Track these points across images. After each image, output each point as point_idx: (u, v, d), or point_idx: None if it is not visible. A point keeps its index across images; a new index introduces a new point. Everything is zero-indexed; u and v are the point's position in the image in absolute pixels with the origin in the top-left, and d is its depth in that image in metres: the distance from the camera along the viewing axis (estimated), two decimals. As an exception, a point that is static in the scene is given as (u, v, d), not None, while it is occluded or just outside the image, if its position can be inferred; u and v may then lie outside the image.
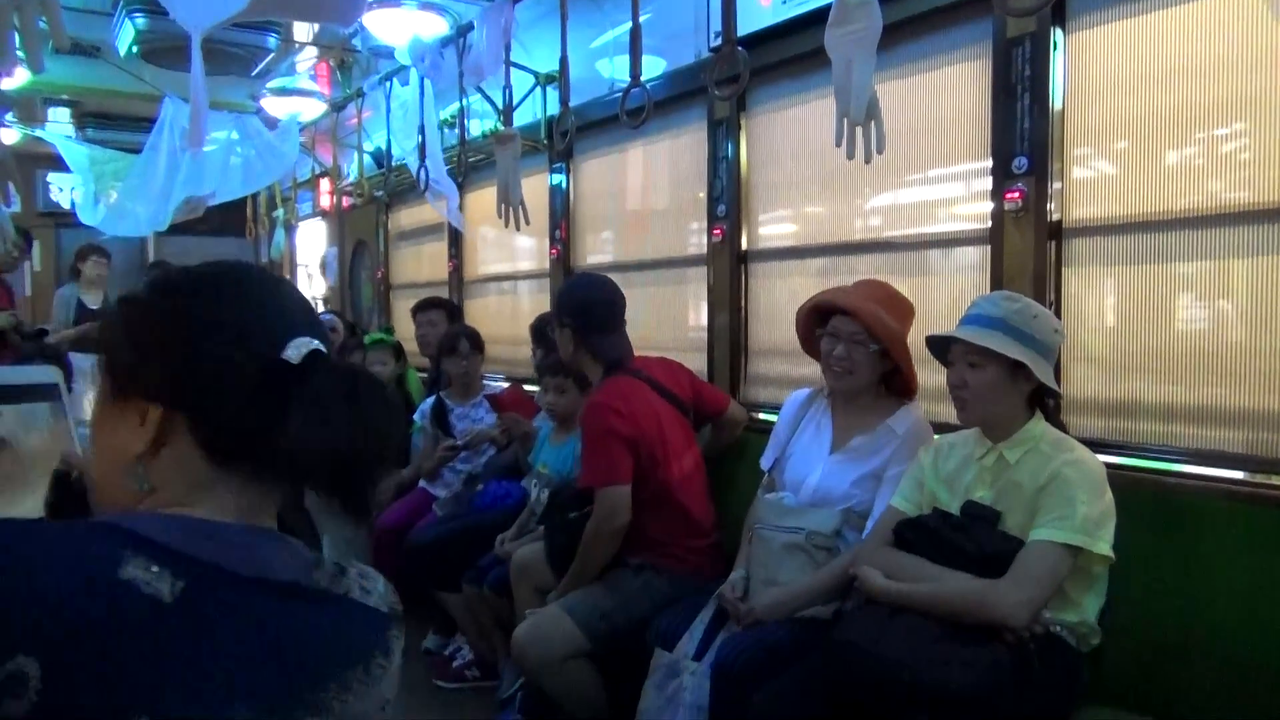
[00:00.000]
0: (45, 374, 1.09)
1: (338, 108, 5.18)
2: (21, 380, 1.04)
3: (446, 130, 4.59)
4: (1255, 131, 1.93)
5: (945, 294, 2.56)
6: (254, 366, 0.82)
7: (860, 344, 2.21)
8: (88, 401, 6.13)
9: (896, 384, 2.31)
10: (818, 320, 2.33)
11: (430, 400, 3.76)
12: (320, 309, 7.45)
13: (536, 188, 4.24)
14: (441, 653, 3.42)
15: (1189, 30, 2.01)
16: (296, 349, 0.83)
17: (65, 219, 7.14)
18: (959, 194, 2.53)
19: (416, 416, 3.79)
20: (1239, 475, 1.97)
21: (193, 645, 0.74)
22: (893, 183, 2.71)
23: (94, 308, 6.07)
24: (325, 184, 6.45)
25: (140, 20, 4.28)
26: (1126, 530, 1.79)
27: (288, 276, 8.10)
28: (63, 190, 8.14)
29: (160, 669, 0.72)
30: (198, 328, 0.83)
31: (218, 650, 0.75)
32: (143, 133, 5.50)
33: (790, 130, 3.02)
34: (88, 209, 6.05)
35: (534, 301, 4.65)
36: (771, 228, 3.17)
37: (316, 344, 0.85)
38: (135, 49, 4.51)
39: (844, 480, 2.24)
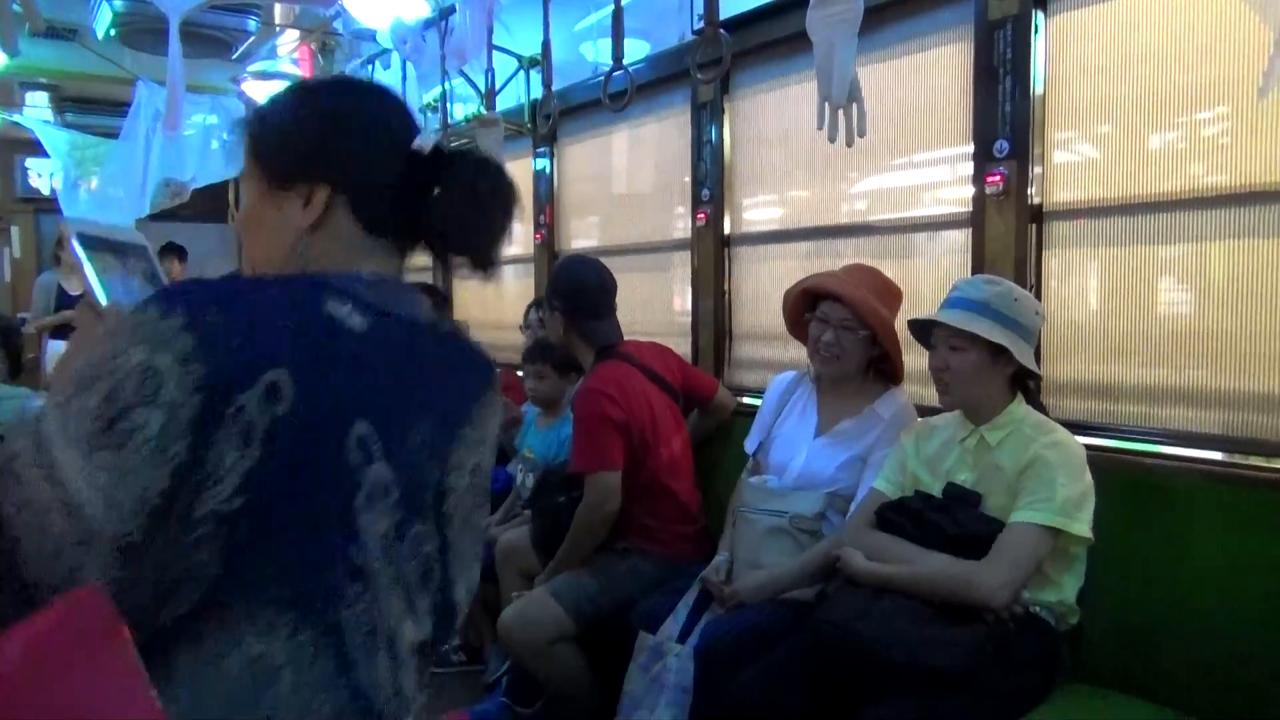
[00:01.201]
0: (136, 235, 1.17)
1: (320, 91, 5.13)
2: (121, 237, 1.12)
3: (429, 114, 4.56)
4: (1235, 115, 1.94)
5: (929, 277, 2.57)
6: (398, 151, 0.99)
7: (850, 330, 2.22)
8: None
9: (883, 368, 2.31)
10: (806, 304, 2.33)
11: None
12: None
13: (520, 172, 4.22)
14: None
15: (1169, 14, 2.02)
16: (423, 141, 1.00)
17: (45, 204, 7.06)
18: (942, 177, 2.54)
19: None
20: (1217, 456, 2.00)
21: (385, 369, 0.92)
22: (876, 166, 2.71)
23: (75, 294, 6.02)
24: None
25: (118, 2, 4.23)
26: (1106, 511, 1.81)
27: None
28: (41, 176, 8.05)
29: (366, 384, 0.90)
30: (353, 115, 0.99)
31: (402, 373, 0.94)
32: (123, 117, 5.44)
33: (774, 113, 3.01)
34: (69, 198, 5.99)
35: (519, 286, 4.64)
36: (755, 211, 3.17)
37: (436, 139, 1.02)
38: (114, 32, 4.45)
39: (829, 464, 2.26)
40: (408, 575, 0.94)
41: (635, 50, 3.49)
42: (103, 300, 1.01)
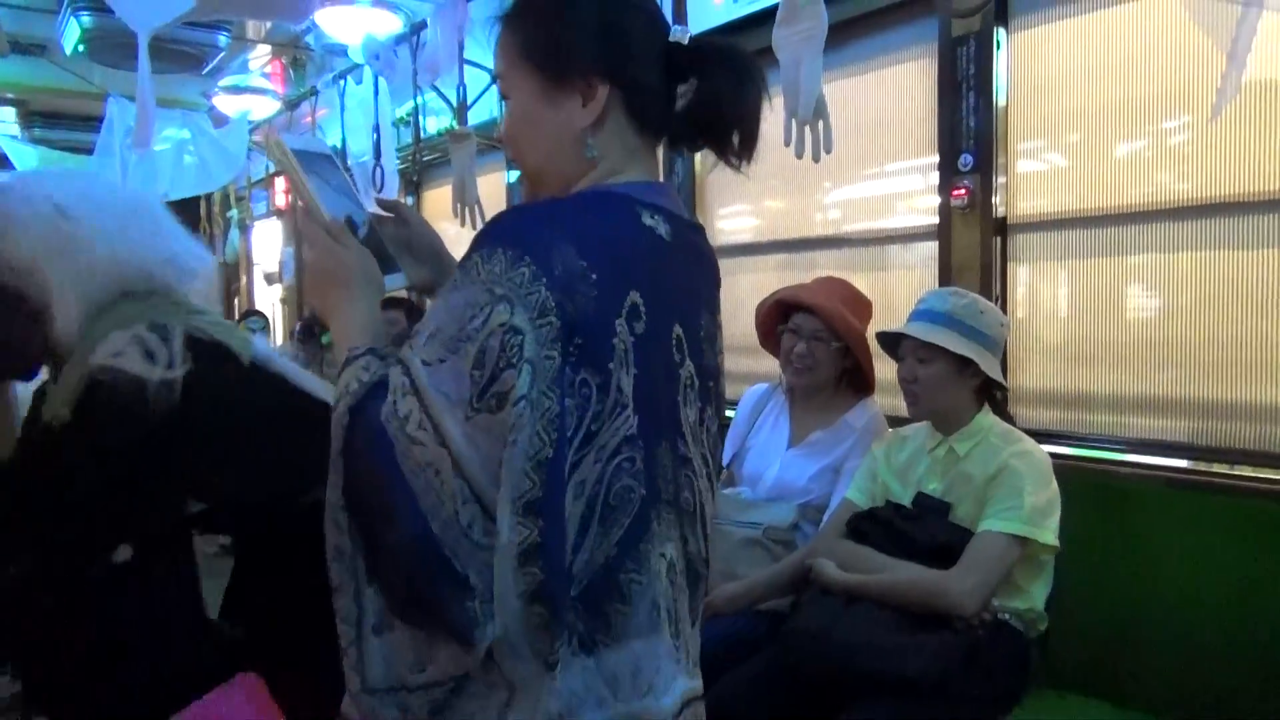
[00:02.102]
0: (319, 143, 1.17)
1: (291, 106, 5.12)
2: (312, 148, 1.12)
3: (402, 128, 4.56)
4: (1196, 128, 1.99)
5: (899, 288, 2.61)
6: (661, 44, 0.98)
7: (822, 341, 2.24)
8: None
9: (855, 379, 2.34)
10: (778, 316, 2.35)
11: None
12: (273, 310, 7.37)
13: (494, 185, 4.23)
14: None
15: (1129, 29, 2.07)
16: (679, 33, 0.99)
17: (13, 220, 6.99)
18: (909, 190, 2.57)
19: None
20: (1182, 463, 2.03)
21: (684, 270, 0.97)
22: (845, 179, 2.75)
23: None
24: (281, 183, 6.37)
25: (86, 18, 4.20)
26: (1073, 518, 1.84)
27: (243, 278, 7.99)
28: (9, 191, 7.96)
29: (678, 287, 0.96)
30: (626, 10, 0.97)
31: (692, 273, 1.00)
32: (91, 132, 5.40)
33: (744, 127, 3.04)
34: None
35: (494, 299, 4.64)
36: (729, 223, 3.19)
37: (688, 30, 1.01)
38: (82, 47, 4.42)
39: (802, 475, 2.27)
40: (708, 457, 1.01)
41: (607, 64, 3.52)
42: (325, 214, 1.02)
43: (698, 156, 3.17)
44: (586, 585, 0.85)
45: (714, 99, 0.98)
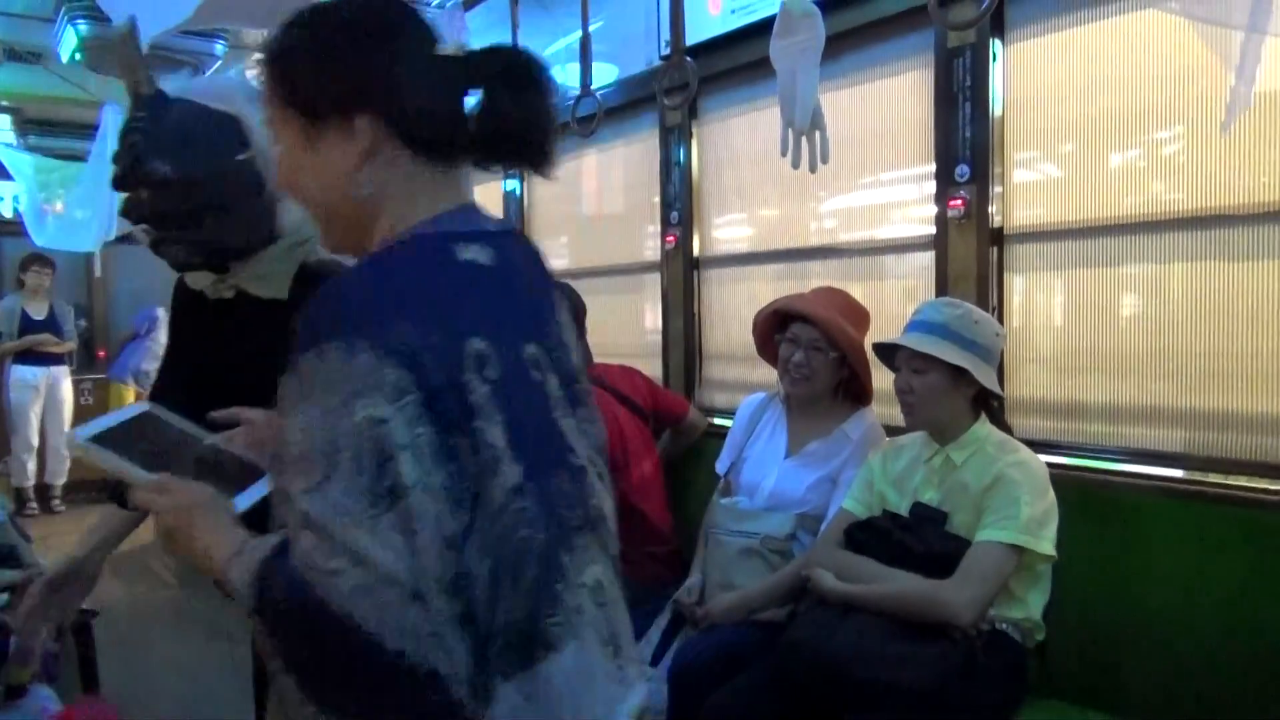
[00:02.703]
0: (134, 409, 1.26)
1: (288, 114, 5.12)
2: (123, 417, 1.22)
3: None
4: (1192, 138, 2.00)
5: (895, 297, 2.61)
6: (430, 62, 0.93)
7: (819, 351, 2.25)
8: (34, 413, 6.01)
9: (852, 389, 2.34)
10: (776, 325, 2.36)
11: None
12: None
13: (491, 194, 4.23)
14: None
15: (1124, 41, 2.08)
16: (449, 46, 0.95)
17: (7, 228, 6.97)
18: (906, 200, 2.58)
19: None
20: (1178, 473, 2.04)
21: (520, 287, 0.96)
22: (842, 190, 2.76)
23: (38, 318, 5.94)
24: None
25: (83, 26, 4.20)
26: (1070, 528, 1.84)
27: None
28: (3, 199, 7.94)
29: (515, 309, 0.94)
30: (381, 37, 0.92)
31: (530, 284, 0.99)
32: (87, 139, 5.40)
33: (741, 137, 3.05)
34: (35, 224, 5.92)
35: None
36: (724, 232, 3.20)
37: (464, 43, 0.98)
38: (79, 55, 4.42)
39: (800, 484, 2.27)
40: (595, 456, 1.00)
41: (604, 73, 3.53)
42: (145, 480, 1.04)
43: (695, 169, 3.18)
44: (509, 641, 0.83)
45: (493, 110, 0.94)
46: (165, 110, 1.51)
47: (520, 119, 0.95)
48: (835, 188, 2.77)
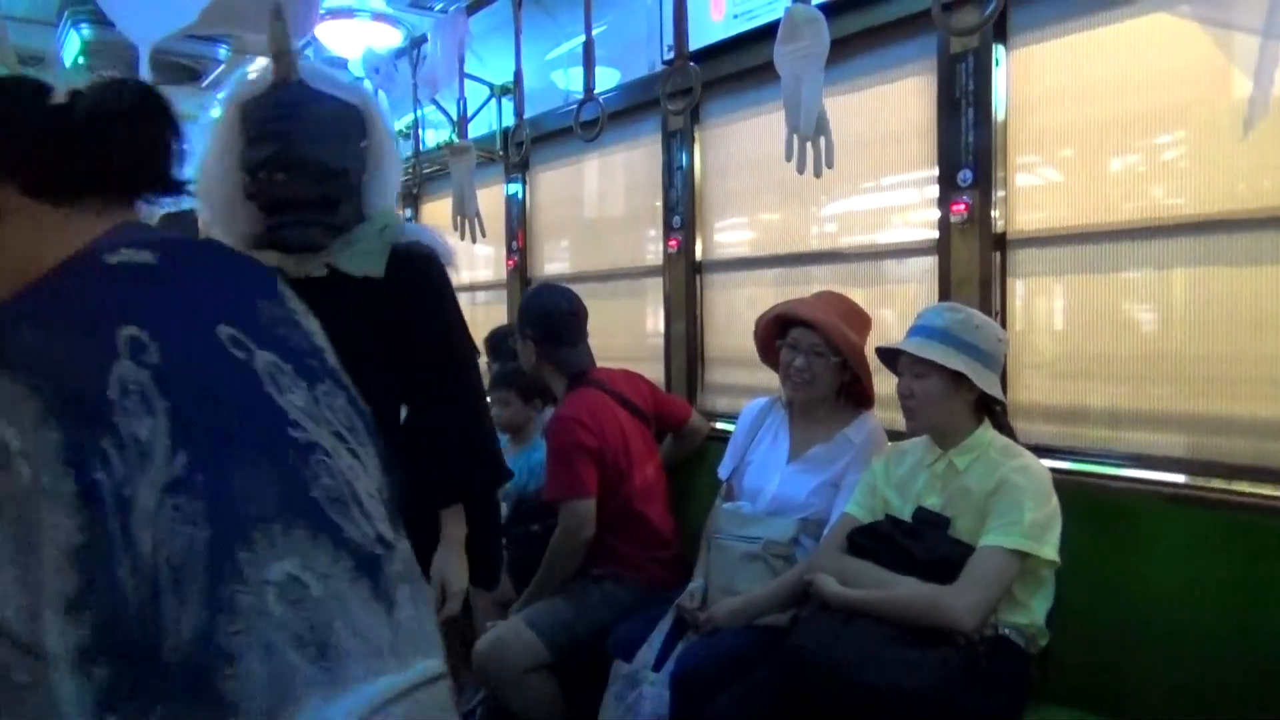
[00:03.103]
0: None
1: (291, 118, 5.13)
2: None
3: (401, 141, 4.56)
4: (1193, 141, 2.00)
5: (898, 302, 2.62)
6: (36, 115, 0.91)
7: (821, 355, 2.25)
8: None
9: (854, 393, 2.34)
10: (777, 331, 2.36)
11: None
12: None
13: (493, 198, 4.24)
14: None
15: (1126, 45, 2.08)
16: (60, 93, 0.94)
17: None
18: (909, 205, 2.58)
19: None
20: (1180, 478, 2.04)
21: (203, 278, 0.92)
22: (845, 194, 2.76)
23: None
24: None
25: (86, 30, 4.21)
26: (1073, 533, 1.84)
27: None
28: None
29: (197, 298, 0.89)
30: None
31: (216, 276, 0.95)
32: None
33: (743, 141, 3.06)
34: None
35: (491, 312, 4.64)
36: (727, 235, 3.20)
37: (76, 86, 0.97)
38: (82, 59, 4.43)
39: (802, 489, 2.27)
40: (344, 432, 0.94)
41: (606, 79, 3.53)
42: None
43: (698, 173, 3.18)
44: (184, 667, 0.74)
45: (103, 146, 0.92)
46: (309, 99, 1.65)
47: (131, 150, 0.95)
48: (838, 192, 2.77)
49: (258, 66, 5.58)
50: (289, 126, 1.62)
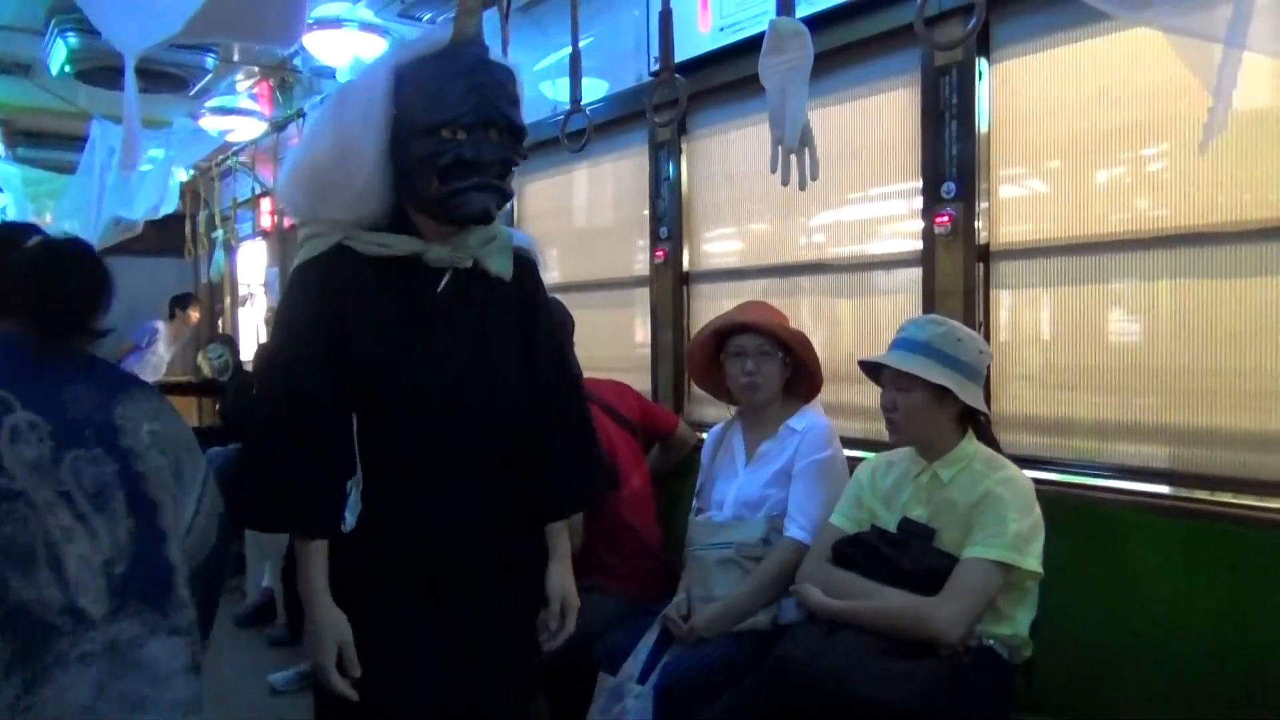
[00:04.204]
0: None
1: (278, 127, 5.12)
2: None
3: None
4: (1175, 155, 2.02)
5: (885, 313, 2.62)
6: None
7: (768, 355, 2.31)
8: None
9: (796, 389, 2.38)
10: (714, 351, 2.42)
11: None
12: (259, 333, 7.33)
13: (480, 208, 4.23)
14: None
15: (1109, 59, 2.10)
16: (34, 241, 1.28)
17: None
18: (894, 216, 2.60)
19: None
20: (1164, 489, 2.05)
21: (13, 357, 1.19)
22: (831, 206, 2.77)
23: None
24: (266, 204, 6.36)
25: (73, 39, 4.19)
26: (1057, 544, 1.85)
27: (226, 299, 7.96)
28: (-9, 210, 7.93)
29: None
30: None
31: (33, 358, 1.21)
32: (75, 151, 5.38)
33: (730, 153, 3.07)
34: (23, 236, 5.92)
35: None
36: (714, 246, 3.21)
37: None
38: (68, 68, 4.41)
39: (757, 484, 2.32)
40: (74, 492, 1.06)
41: (594, 88, 3.54)
42: None
43: (685, 184, 3.19)
44: None
45: (40, 289, 1.27)
46: (494, 59, 1.55)
47: (57, 296, 1.19)
48: (824, 204, 2.78)
49: (246, 76, 5.56)
50: (489, 80, 1.49)
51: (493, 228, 1.61)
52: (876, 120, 2.58)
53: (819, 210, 2.82)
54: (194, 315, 6.84)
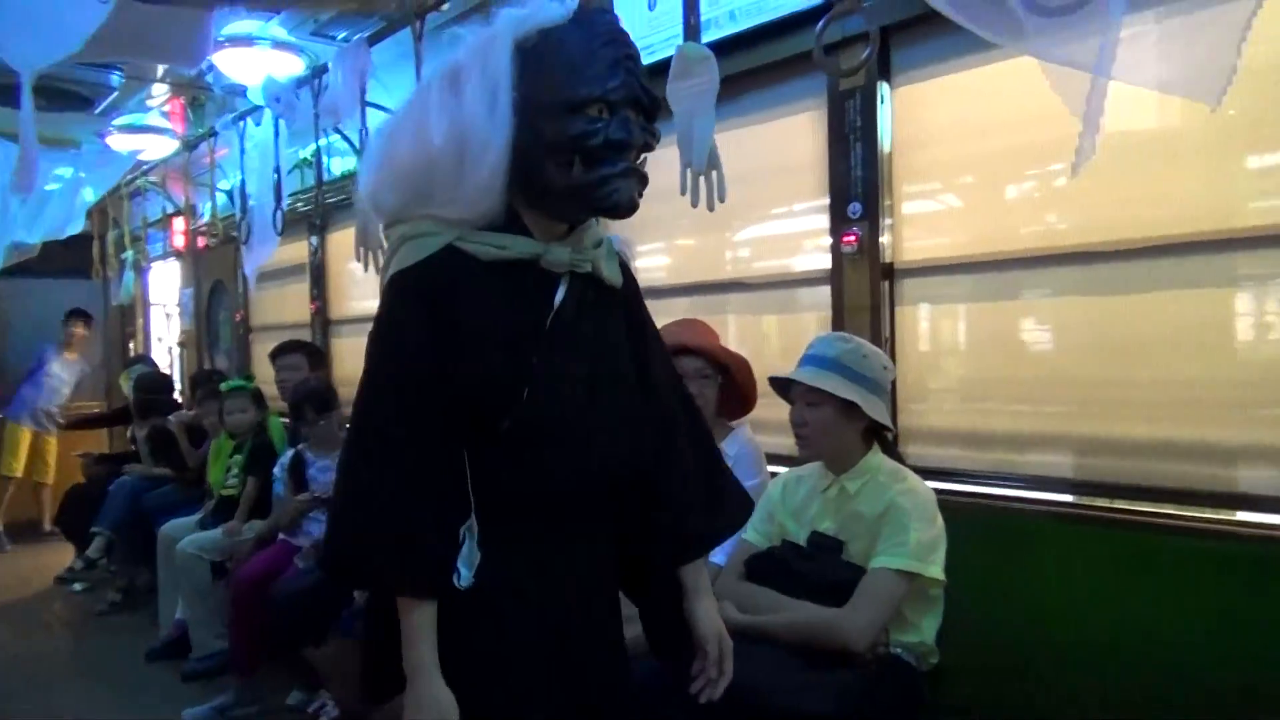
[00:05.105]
0: None
1: (190, 146, 5.01)
2: None
3: (305, 169, 4.50)
4: (1068, 175, 2.10)
5: (804, 329, 2.67)
6: None
7: (708, 379, 2.30)
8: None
9: (725, 408, 2.37)
10: None
11: (289, 453, 3.64)
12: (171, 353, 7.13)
13: (400, 228, 4.19)
14: (305, 709, 3.30)
15: (1005, 82, 2.16)
16: None
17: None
18: (811, 234, 2.65)
19: (276, 469, 3.66)
20: (1069, 498, 2.12)
21: None
22: (751, 225, 2.82)
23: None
24: (179, 223, 6.20)
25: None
26: (964, 553, 1.90)
27: (139, 320, 7.72)
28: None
29: None
30: None
31: None
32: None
33: (652, 170, 3.09)
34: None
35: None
36: (641, 262, 3.24)
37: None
38: (-37, 86, 4.25)
39: None
40: None
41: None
42: None
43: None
44: None
45: None
46: (626, 32, 1.32)
47: None
48: (745, 223, 2.83)
49: (157, 93, 5.41)
50: (632, 52, 1.28)
51: (598, 228, 1.40)
52: (789, 141, 2.64)
53: (740, 230, 2.87)
54: (78, 331, 6.51)
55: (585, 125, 1.23)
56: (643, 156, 1.33)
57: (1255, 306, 1.92)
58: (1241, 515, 1.88)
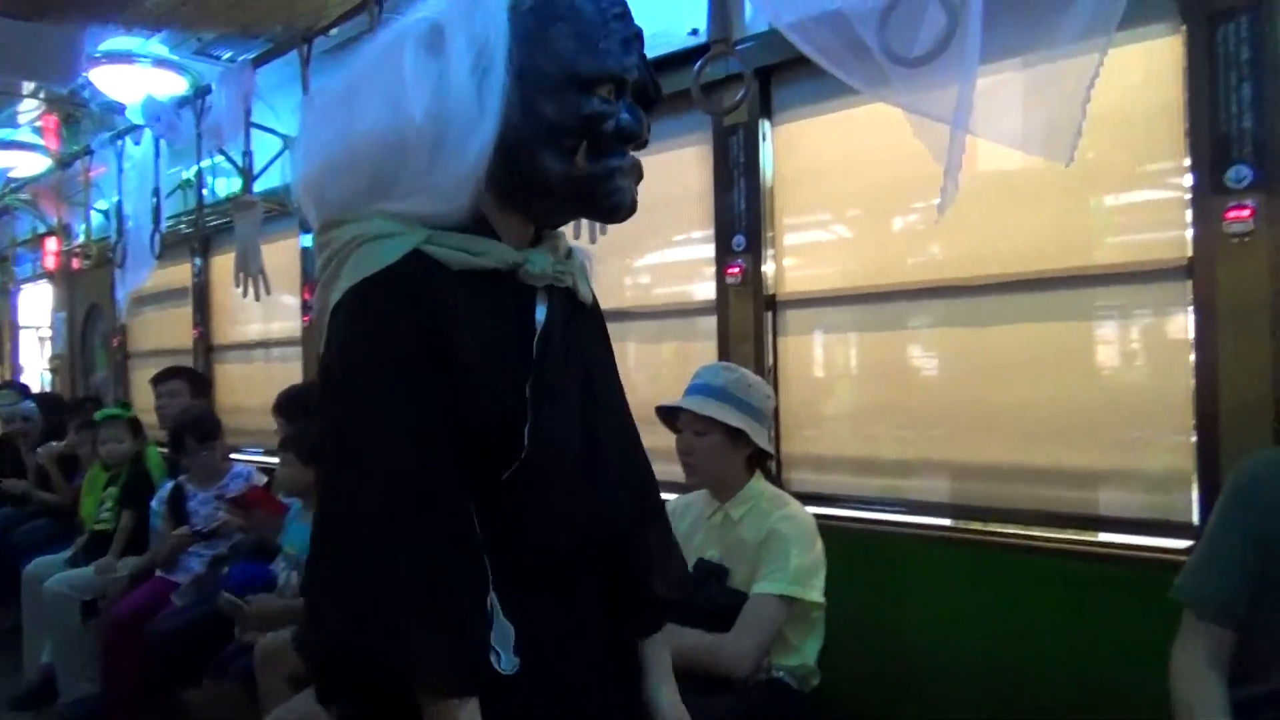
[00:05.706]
0: None
1: (64, 164, 4.80)
2: None
3: (186, 191, 4.36)
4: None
5: (698, 357, 2.70)
6: None
7: None
8: None
9: None
10: None
11: (168, 485, 3.50)
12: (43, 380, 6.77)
13: (287, 252, 4.10)
14: (182, 754, 3.15)
15: (880, 122, 2.23)
16: None
17: None
18: (702, 265, 2.69)
19: (154, 502, 3.51)
20: (945, 521, 2.20)
21: None
22: (655, 254, 2.86)
23: None
24: (51, 244, 5.91)
25: None
26: (843, 576, 1.96)
27: (6, 345, 7.30)
28: None
29: None
30: None
31: None
32: None
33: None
34: None
35: (286, 369, 4.45)
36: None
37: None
38: None
39: None
40: None
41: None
42: None
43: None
44: None
45: None
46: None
47: None
48: (640, 253, 2.87)
49: (28, 107, 5.17)
50: (641, 33, 1.08)
51: (564, 237, 1.18)
52: (680, 174, 2.69)
53: (636, 260, 2.90)
54: None
55: (599, 106, 1.02)
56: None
57: (1114, 336, 2.04)
58: (1103, 536, 1.99)
